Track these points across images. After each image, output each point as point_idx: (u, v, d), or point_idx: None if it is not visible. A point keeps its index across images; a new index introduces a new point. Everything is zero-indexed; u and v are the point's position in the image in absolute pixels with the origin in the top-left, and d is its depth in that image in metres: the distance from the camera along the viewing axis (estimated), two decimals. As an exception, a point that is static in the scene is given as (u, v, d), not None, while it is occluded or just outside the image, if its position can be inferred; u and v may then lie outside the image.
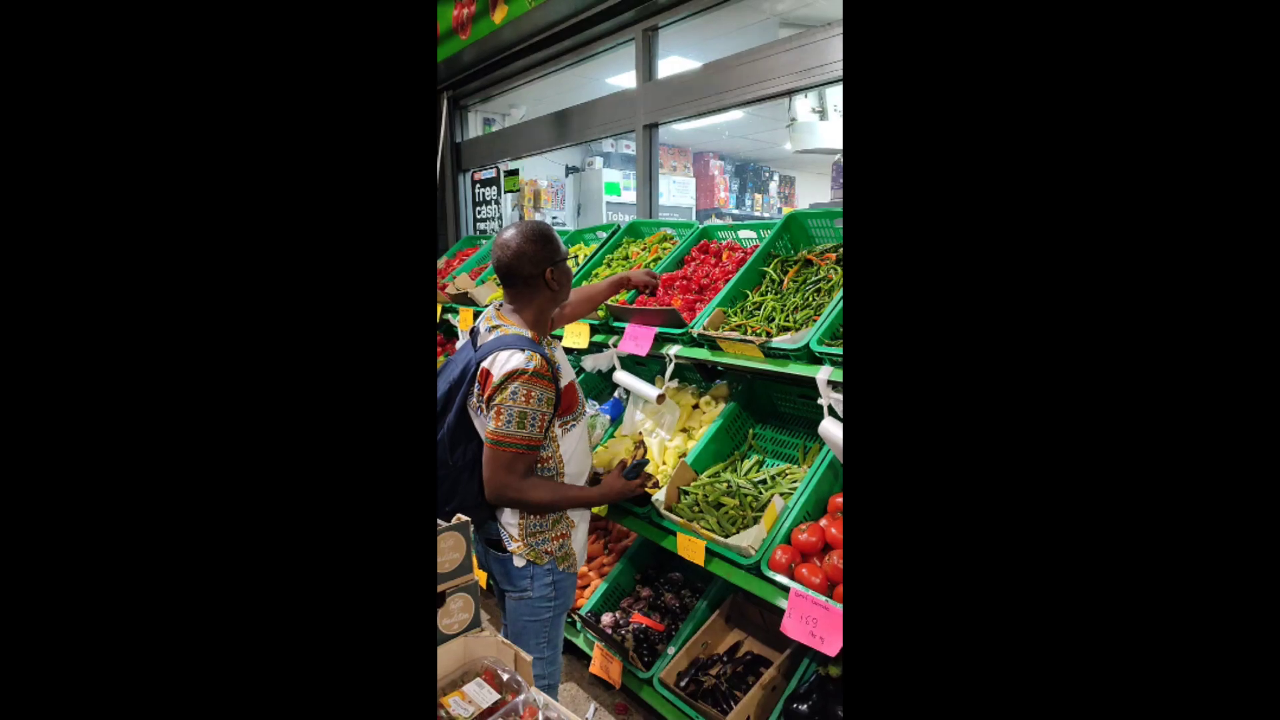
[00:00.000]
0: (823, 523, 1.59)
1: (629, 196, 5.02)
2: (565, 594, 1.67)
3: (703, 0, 2.52)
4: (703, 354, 1.86)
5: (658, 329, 1.97)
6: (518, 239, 1.53)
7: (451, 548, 1.05)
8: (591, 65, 3.26)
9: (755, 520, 1.68)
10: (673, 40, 2.87)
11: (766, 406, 2.13)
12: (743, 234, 2.30)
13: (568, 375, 1.61)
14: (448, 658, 1.04)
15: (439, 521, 1.05)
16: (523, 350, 1.45)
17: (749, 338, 1.68)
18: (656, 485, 1.78)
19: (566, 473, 1.62)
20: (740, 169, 6.36)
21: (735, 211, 6.14)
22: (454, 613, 1.05)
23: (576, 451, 1.64)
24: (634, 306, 2.05)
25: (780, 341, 1.63)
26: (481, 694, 0.98)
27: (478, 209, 4.04)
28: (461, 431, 1.54)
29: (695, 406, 2.18)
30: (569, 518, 1.64)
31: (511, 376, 1.43)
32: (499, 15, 2.97)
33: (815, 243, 2.07)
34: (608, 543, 2.47)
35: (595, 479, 1.74)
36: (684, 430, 2.13)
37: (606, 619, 2.20)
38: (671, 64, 3.04)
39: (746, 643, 2.03)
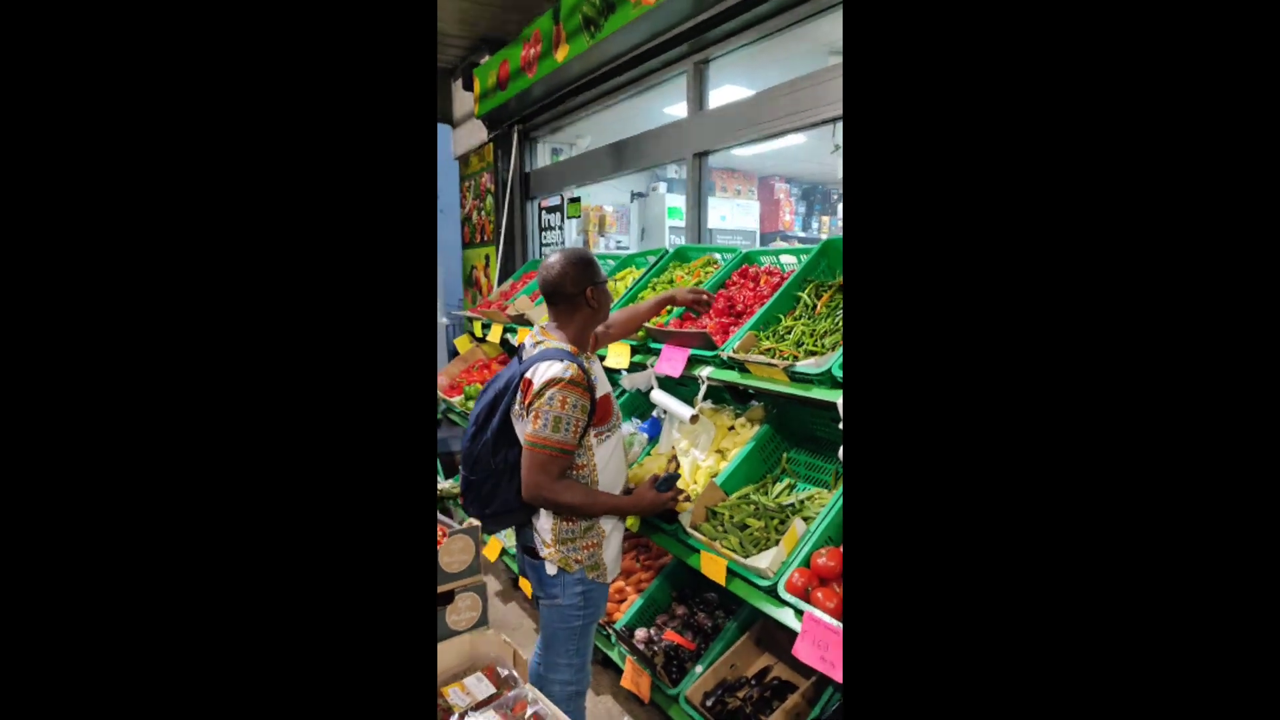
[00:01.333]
0: (843, 548, 1.59)
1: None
2: (595, 604, 1.74)
3: (752, 33, 2.58)
4: (733, 376, 1.90)
5: (691, 351, 2.03)
6: (561, 261, 1.66)
7: (461, 549, 1.14)
8: (651, 96, 3.38)
9: (778, 542, 1.69)
10: (726, 69, 2.94)
11: (800, 430, 2.13)
12: (784, 259, 2.33)
13: (604, 388, 1.70)
14: (454, 652, 1.13)
15: (450, 524, 1.14)
16: (561, 361, 1.57)
17: (774, 361, 1.71)
18: (688, 499, 1.82)
19: (600, 481, 1.70)
20: (808, 192, 6.32)
21: (801, 234, 6.10)
22: (462, 610, 1.14)
23: (610, 463, 1.72)
24: (669, 329, 2.11)
25: (804, 366, 1.65)
26: (480, 687, 1.06)
27: (543, 234, 4.23)
28: (503, 437, 1.66)
29: (731, 428, 2.21)
30: (601, 528, 1.71)
31: (550, 384, 1.54)
32: (561, 54, 3.15)
33: (853, 268, 2.08)
34: (646, 559, 2.52)
35: (629, 494, 1.81)
36: (719, 451, 2.16)
37: (640, 634, 2.24)
38: (725, 93, 3.12)
39: (776, 668, 2.02)
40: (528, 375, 1.60)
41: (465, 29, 4.20)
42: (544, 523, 1.68)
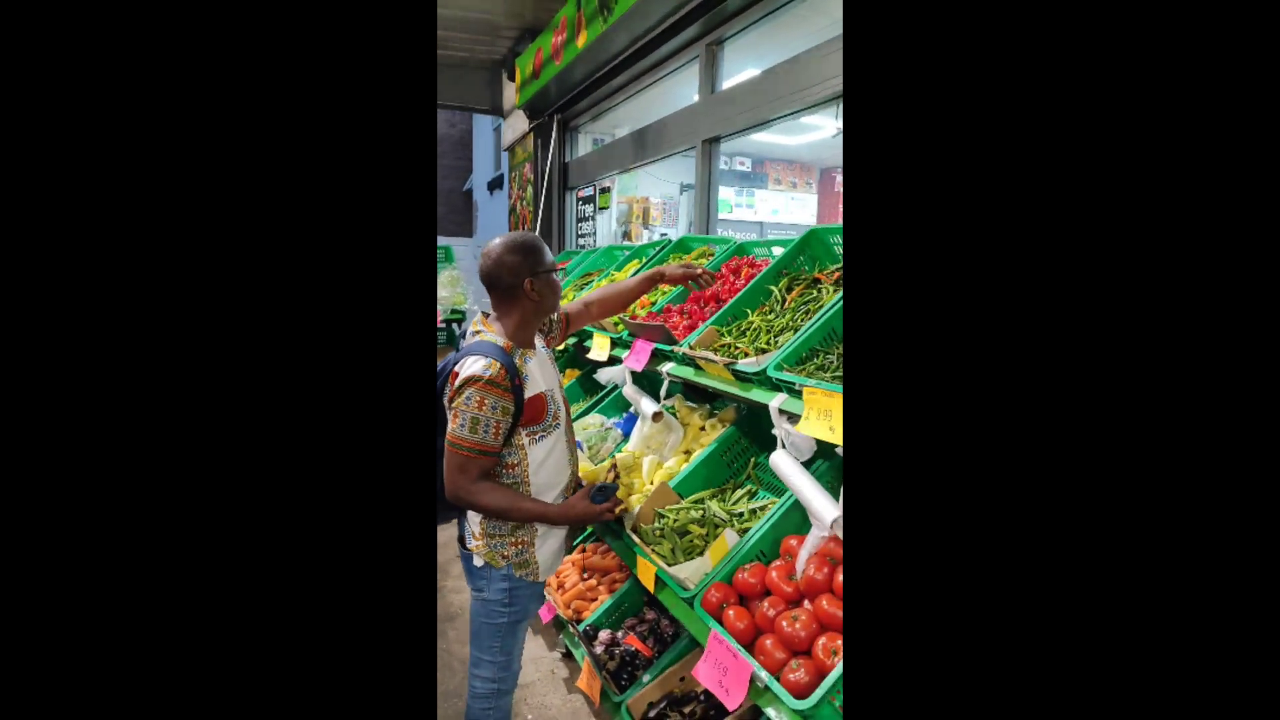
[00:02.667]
0: (773, 565, 1.45)
1: (741, 214, 4.93)
2: (522, 602, 1.68)
3: (763, 6, 2.43)
4: (690, 373, 1.79)
5: (655, 345, 1.93)
6: (499, 249, 1.59)
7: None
8: (682, 82, 3.27)
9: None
10: (742, 54, 2.79)
11: (771, 434, 1.98)
12: (776, 250, 2.17)
13: (539, 386, 1.62)
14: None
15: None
16: (486, 357, 1.50)
17: (715, 358, 1.58)
18: (625, 511, 1.73)
19: (533, 483, 1.63)
20: (877, 185, 5.94)
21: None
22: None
23: (547, 463, 1.65)
24: (637, 321, 2.02)
25: (744, 364, 1.52)
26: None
27: (579, 225, 4.22)
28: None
29: (702, 428, 2.09)
30: (533, 526, 1.65)
31: (468, 382, 1.48)
32: (581, 39, 3.10)
33: (839, 261, 1.90)
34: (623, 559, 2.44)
35: (576, 492, 1.74)
36: (687, 452, 2.05)
37: (603, 635, 2.17)
38: (745, 78, 2.96)
39: (727, 685, 1.89)
40: (456, 368, 1.54)
41: (513, 19, 4.24)
42: (474, 513, 1.64)
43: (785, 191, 5.15)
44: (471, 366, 1.49)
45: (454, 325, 3.90)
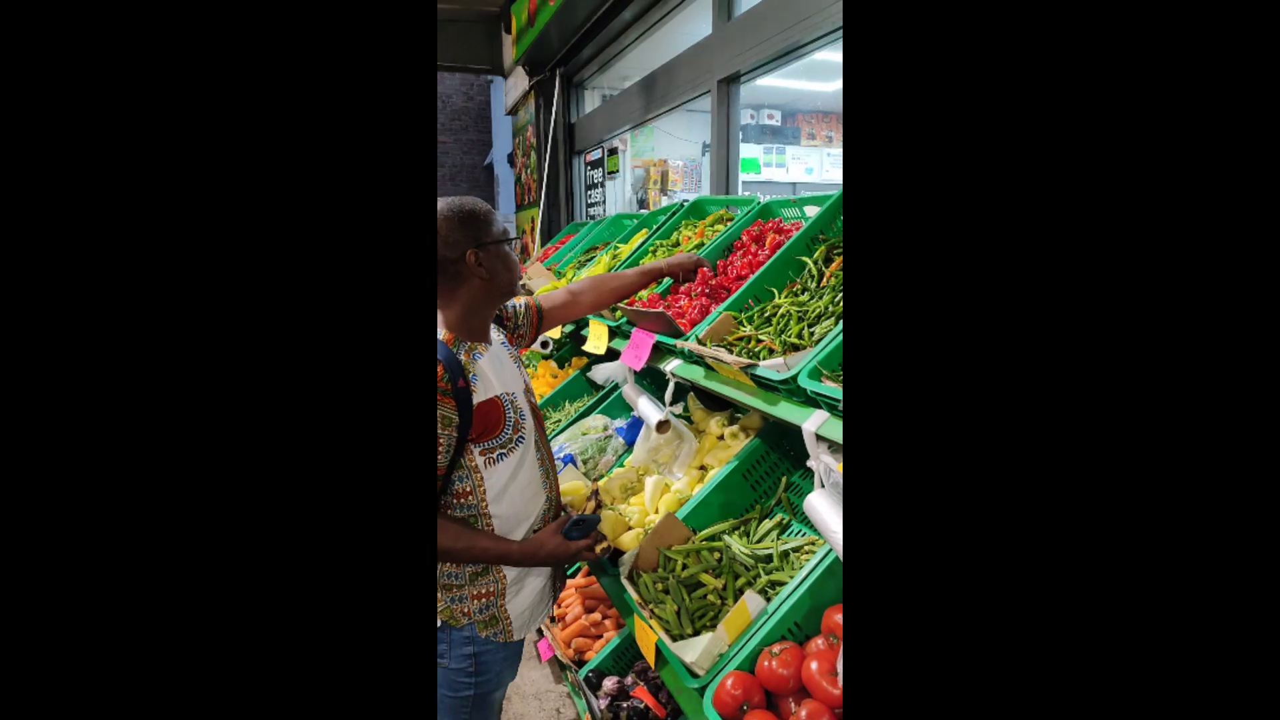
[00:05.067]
0: (813, 646, 1.04)
1: (771, 174, 4.42)
2: (493, 670, 1.32)
3: (786, -93, 1.94)
4: (699, 375, 1.38)
5: (657, 337, 1.52)
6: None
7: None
8: (693, 15, 2.79)
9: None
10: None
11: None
12: (809, 209, 1.73)
13: (493, 389, 1.24)
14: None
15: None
16: None
17: (728, 358, 1.17)
18: (607, 551, 1.33)
19: (494, 515, 1.26)
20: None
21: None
22: None
23: (511, 489, 1.27)
24: (635, 307, 1.61)
25: (767, 368, 1.10)
26: None
27: (589, 193, 3.79)
28: None
29: (721, 438, 1.68)
30: (500, 571, 1.29)
31: None
32: (574, -29, 2.65)
33: (892, 220, 1.45)
34: (635, 587, 2.07)
35: (556, 518, 1.37)
36: (702, 467, 1.65)
37: (609, 684, 1.81)
38: None
39: (758, 763, 1.51)
40: None
41: (507, -36, 3.79)
42: None
43: (820, 147, 4.59)
44: None
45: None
